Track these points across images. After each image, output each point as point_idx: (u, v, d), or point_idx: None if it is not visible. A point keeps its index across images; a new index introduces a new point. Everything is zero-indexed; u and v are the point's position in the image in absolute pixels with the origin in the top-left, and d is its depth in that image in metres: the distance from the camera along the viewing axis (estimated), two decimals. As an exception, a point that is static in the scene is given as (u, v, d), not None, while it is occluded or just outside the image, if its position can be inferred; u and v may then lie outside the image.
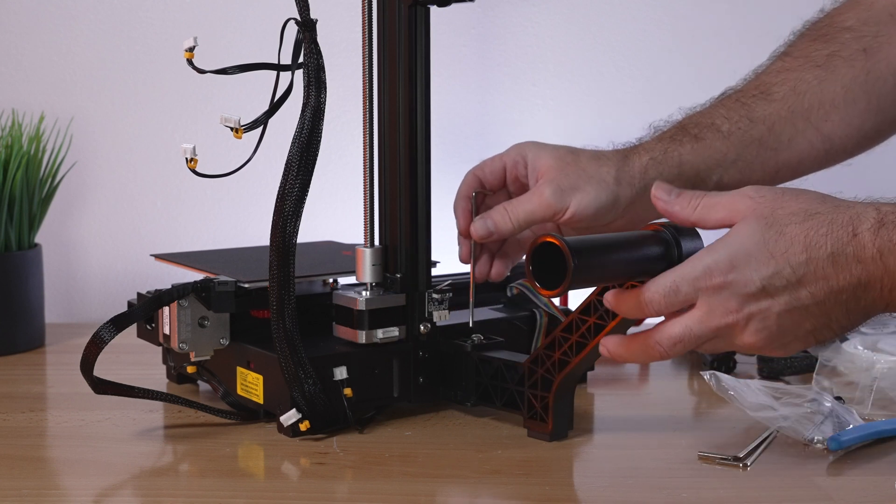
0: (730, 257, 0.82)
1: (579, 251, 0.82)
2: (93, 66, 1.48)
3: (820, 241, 0.81)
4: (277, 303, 0.94)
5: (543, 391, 0.95)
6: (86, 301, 1.51)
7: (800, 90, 1.09)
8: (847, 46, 1.10)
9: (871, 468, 0.91)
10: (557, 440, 0.95)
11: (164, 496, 0.86)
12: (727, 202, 0.85)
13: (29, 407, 1.07)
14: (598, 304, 0.90)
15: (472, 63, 1.50)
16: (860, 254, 0.81)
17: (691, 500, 0.84)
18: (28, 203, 1.29)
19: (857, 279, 0.81)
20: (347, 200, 1.44)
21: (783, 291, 0.82)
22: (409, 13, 0.99)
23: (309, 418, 0.96)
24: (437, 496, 0.87)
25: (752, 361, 1.20)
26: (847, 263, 0.81)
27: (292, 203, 0.93)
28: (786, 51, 1.13)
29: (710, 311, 0.82)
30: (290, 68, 0.94)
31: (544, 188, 1.01)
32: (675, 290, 0.83)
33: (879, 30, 1.10)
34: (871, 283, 0.81)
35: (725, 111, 1.09)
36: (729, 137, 1.07)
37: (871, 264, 0.81)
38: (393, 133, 1.01)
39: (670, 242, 0.86)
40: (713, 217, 0.85)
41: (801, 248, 0.81)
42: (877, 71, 1.10)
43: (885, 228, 0.81)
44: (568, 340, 0.93)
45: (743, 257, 0.82)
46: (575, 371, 0.94)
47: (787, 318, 0.82)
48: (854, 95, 1.09)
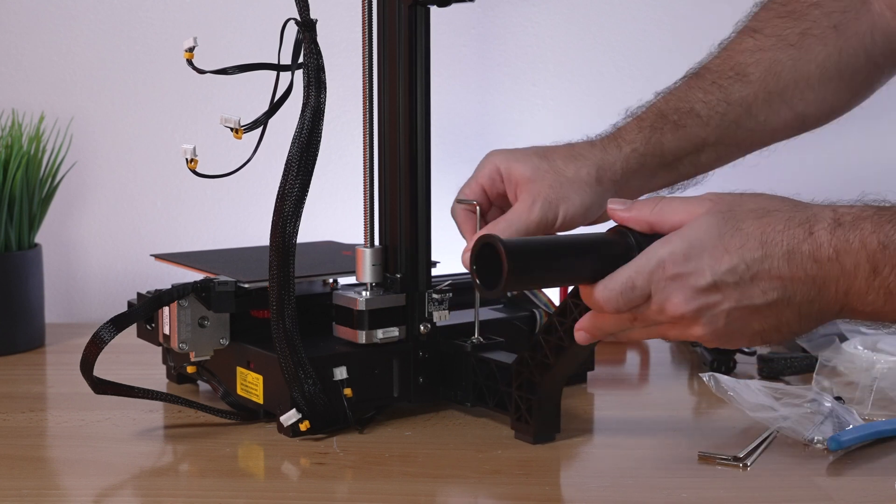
0: (684, 249, 0.80)
1: (516, 254, 0.80)
2: (93, 66, 1.49)
3: (776, 237, 0.80)
4: (277, 303, 0.94)
5: (529, 393, 0.95)
6: (86, 301, 1.51)
7: (775, 71, 1.09)
8: (818, 24, 1.10)
9: (871, 468, 0.91)
10: (541, 443, 0.95)
11: (164, 496, 0.86)
12: (685, 205, 0.83)
13: (29, 407, 1.07)
14: (573, 307, 0.89)
15: (472, 63, 1.50)
16: (816, 253, 0.80)
17: (691, 500, 0.84)
18: (28, 203, 1.29)
19: (813, 279, 0.80)
20: (347, 200, 1.44)
21: (734, 287, 0.80)
22: (409, 13, 0.99)
23: (309, 418, 0.96)
24: (437, 496, 0.87)
25: (752, 362, 1.20)
26: (802, 262, 0.80)
27: (292, 203, 0.93)
28: (753, 26, 1.13)
29: (664, 301, 0.81)
30: (290, 68, 0.94)
31: (533, 206, 1.00)
32: (632, 286, 0.81)
33: (846, 4, 1.10)
34: (826, 285, 0.80)
35: (703, 95, 1.09)
36: (708, 123, 1.07)
37: (826, 264, 0.80)
38: (393, 133, 1.01)
39: (631, 245, 0.83)
40: (671, 219, 0.83)
41: (757, 243, 0.80)
42: (848, 48, 1.10)
43: (842, 228, 0.80)
44: (549, 342, 0.92)
45: (697, 250, 0.80)
46: (557, 373, 0.93)
47: (736, 315, 0.81)
48: (828, 74, 1.10)
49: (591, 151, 1.04)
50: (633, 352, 1.31)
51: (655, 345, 1.33)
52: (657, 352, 1.31)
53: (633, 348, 1.32)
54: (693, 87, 1.10)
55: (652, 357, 1.30)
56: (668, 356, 1.29)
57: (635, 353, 1.31)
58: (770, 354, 1.19)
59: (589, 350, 0.98)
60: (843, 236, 0.80)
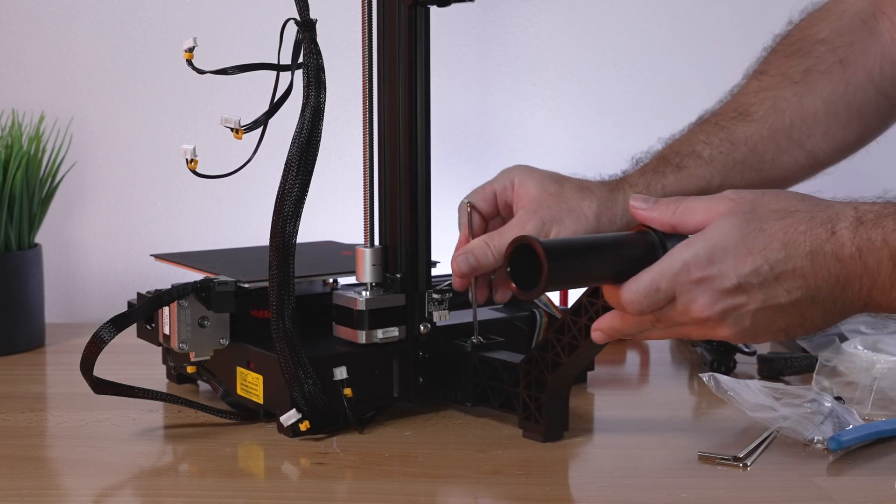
0: (708, 252, 0.81)
1: (554, 253, 0.81)
2: (93, 66, 1.48)
3: (799, 238, 0.81)
4: (277, 303, 0.94)
5: (537, 392, 0.95)
6: (86, 301, 1.51)
7: (779, 108, 1.08)
8: (823, 59, 1.09)
9: (871, 468, 0.91)
10: (551, 441, 0.95)
11: (164, 496, 0.86)
12: (706, 205, 0.84)
13: (29, 407, 1.07)
14: (588, 305, 0.90)
15: (472, 63, 1.50)
16: (839, 252, 0.80)
17: (691, 500, 0.84)
18: (28, 203, 1.29)
19: (836, 278, 0.80)
20: (347, 200, 1.44)
21: (759, 289, 0.81)
22: (409, 13, 0.99)
23: (309, 418, 0.96)
24: (437, 496, 0.87)
25: (752, 362, 1.20)
26: (825, 261, 0.80)
27: (292, 203, 0.93)
28: (760, 69, 1.13)
29: (688, 304, 0.81)
30: (290, 68, 0.94)
31: (527, 221, 1.01)
32: (656, 288, 0.81)
33: (853, 38, 1.09)
34: (849, 282, 0.80)
35: (705, 136, 1.08)
36: (711, 163, 1.07)
37: (849, 263, 0.80)
38: (393, 133, 1.01)
39: (655, 244, 0.84)
40: (693, 220, 0.83)
41: (780, 244, 0.81)
42: (855, 81, 1.09)
43: (864, 227, 0.80)
44: (560, 341, 0.93)
45: (721, 252, 0.81)
46: (567, 372, 0.94)
47: (761, 315, 0.82)
48: (835, 108, 1.09)
49: (600, 190, 1.05)
50: (633, 352, 1.31)
51: (655, 345, 1.33)
52: (657, 352, 1.31)
53: (633, 348, 1.32)
54: (696, 131, 1.10)
55: (652, 357, 1.30)
56: (668, 356, 1.29)
57: (635, 353, 1.31)
58: (770, 354, 1.19)
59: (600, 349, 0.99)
60: (866, 234, 0.80)
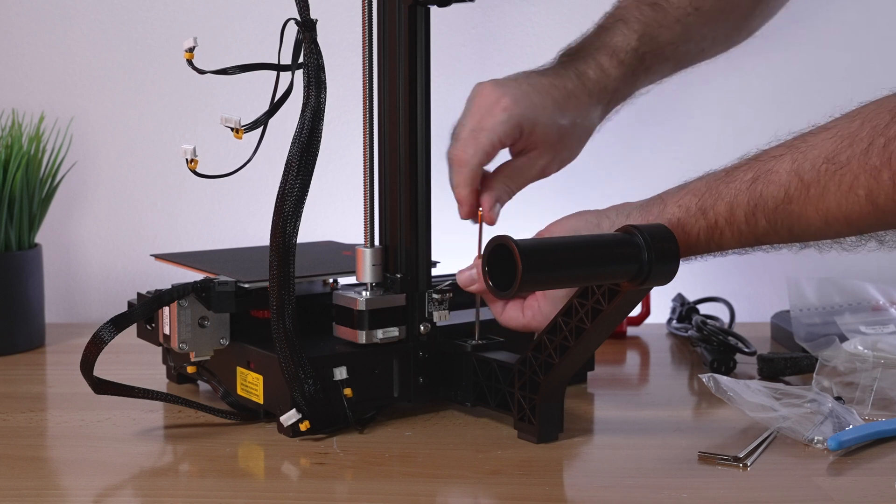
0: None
1: (529, 253, 0.81)
2: (93, 66, 1.49)
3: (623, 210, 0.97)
4: (277, 303, 0.94)
5: (531, 393, 0.95)
6: (86, 301, 1.51)
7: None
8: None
9: (871, 468, 0.91)
10: (545, 442, 0.95)
11: (164, 496, 0.86)
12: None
13: (29, 407, 1.07)
14: (579, 307, 0.90)
15: (472, 63, 1.50)
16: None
17: (691, 500, 0.84)
18: (28, 203, 1.29)
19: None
20: (347, 200, 1.44)
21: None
22: (409, 13, 0.99)
23: (309, 418, 0.96)
24: (437, 496, 0.87)
25: (752, 362, 1.20)
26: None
27: (292, 203, 0.93)
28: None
29: None
30: (290, 68, 0.94)
31: (499, 114, 1.07)
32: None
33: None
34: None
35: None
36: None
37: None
38: (393, 133, 1.01)
39: (641, 246, 0.85)
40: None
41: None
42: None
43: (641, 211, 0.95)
44: (553, 342, 0.93)
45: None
46: (560, 373, 0.93)
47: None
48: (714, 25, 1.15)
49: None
50: (633, 352, 1.31)
51: (655, 345, 1.33)
52: (657, 352, 1.31)
53: (633, 348, 1.32)
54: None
55: (652, 357, 1.30)
56: (668, 356, 1.29)
57: (635, 353, 1.31)
58: (770, 354, 1.19)
59: (594, 349, 0.99)
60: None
